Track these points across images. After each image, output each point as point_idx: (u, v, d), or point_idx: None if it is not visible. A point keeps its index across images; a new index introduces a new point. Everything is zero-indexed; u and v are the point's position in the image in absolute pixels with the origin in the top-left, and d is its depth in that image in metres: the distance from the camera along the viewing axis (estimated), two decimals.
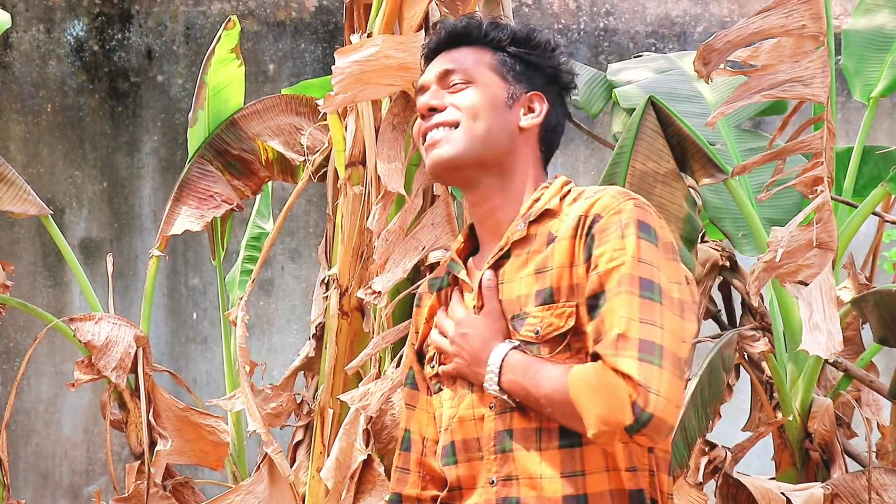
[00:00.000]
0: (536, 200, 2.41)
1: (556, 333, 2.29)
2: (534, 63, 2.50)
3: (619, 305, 2.21)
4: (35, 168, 6.08)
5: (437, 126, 2.43)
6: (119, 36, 6.19)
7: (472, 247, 2.50)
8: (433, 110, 2.44)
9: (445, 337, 2.41)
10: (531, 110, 2.48)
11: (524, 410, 2.31)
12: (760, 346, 3.54)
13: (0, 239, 5.94)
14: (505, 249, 2.38)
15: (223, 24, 4.70)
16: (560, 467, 2.29)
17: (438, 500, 2.42)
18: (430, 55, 2.53)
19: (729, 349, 3.59)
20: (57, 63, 6.13)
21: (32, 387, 6.10)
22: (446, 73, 2.47)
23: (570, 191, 2.40)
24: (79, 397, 6.06)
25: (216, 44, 4.68)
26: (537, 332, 2.30)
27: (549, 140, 2.50)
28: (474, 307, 2.38)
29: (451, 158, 2.41)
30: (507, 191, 2.44)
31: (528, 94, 2.48)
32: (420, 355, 2.50)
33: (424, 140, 2.45)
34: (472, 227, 2.52)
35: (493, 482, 2.33)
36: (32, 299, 5.57)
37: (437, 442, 2.44)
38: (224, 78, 4.74)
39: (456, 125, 2.42)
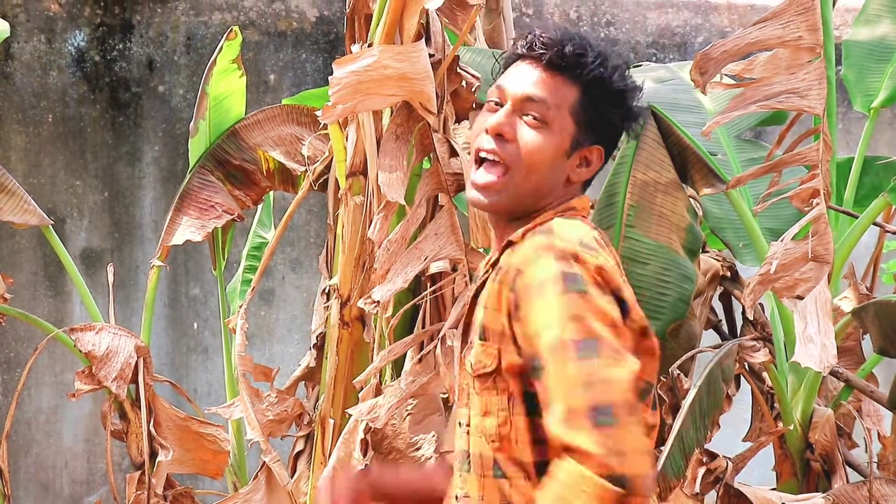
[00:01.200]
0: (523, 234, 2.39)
1: (482, 371, 2.31)
2: (610, 115, 2.43)
3: (558, 375, 2.17)
4: (36, 178, 6.08)
5: (493, 159, 2.35)
6: (120, 46, 6.20)
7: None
8: (500, 136, 2.36)
9: None
10: (587, 162, 2.42)
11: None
12: (760, 356, 3.54)
13: (1, 249, 5.94)
14: (483, 277, 2.39)
15: (224, 35, 4.71)
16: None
17: None
18: (514, 56, 2.42)
19: (728, 360, 3.59)
20: (58, 73, 6.14)
21: (33, 397, 6.09)
22: (528, 100, 2.37)
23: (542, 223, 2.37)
24: (79, 408, 6.05)
25: (217, 54, 4.69)
26: (471, 364, 2.33)
27: (588, 184, 2.45)
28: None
29: (493, 208, 2.39)
30: (531, 220, 2.39)
31: (590, 147, 2.42)
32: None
33: (476, 157, 2.37)
34: None
35: (457, 497, 2.36)
36: (33, 309, 5.57)
37: None
38: (225, 88, 4.74)
39: (508, 169, 2.35)
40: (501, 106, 2.38)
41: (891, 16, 4.13)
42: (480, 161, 2.38)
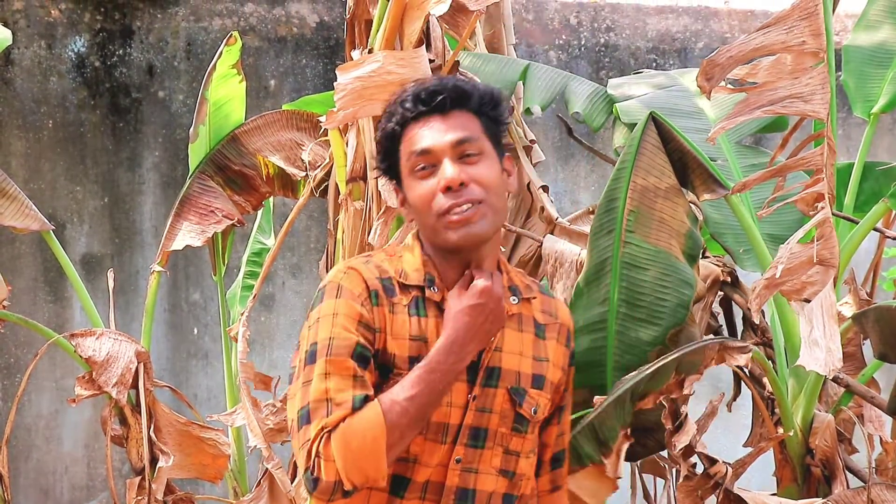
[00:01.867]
0: (506, 272, 2.65)
1: (541, 418, 2.65)
2: (503, 126, 2.62)
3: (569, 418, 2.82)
4: (36, 183, 6.08)
5: (467, 203, 2.49)
6: (120, 52, 6.20)
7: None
8: (462, 185, 2.49)
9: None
10: (509, 173, 2.63)
11: None
12: (742, 359, 3.52)
13: (1, 254, 5.94)
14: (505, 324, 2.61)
15: (224, 40, 4.71)
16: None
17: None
18: (413, 113, 2.55)
19: (696, 356, 3.56)
20: (58, 79, 6.14)
21: (33, 402, 6.09)
22: (460, 143, 2.52)
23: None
24: (80, 413, 6.05)
25: (217, 59, 4.69)
26: (535, 411, 2.61)
27: None
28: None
29: (482, 236, 2.53)
30: (492, 253, 2.61)
31: (506, 157, 2.62)
32: (383, 367, 2.52)
33: (447, 213, 2.50)
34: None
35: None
36: (33, 315, 5.57)
37: None
38: (225, 94, 4.74)
39: (480, 202, 2.51)
40: (434, 166, 2.51)
41: (891, 21, 4.12)
42: (447, 216, 2.52)
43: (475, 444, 2.53)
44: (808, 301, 3.29)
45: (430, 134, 2.53)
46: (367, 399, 2.40)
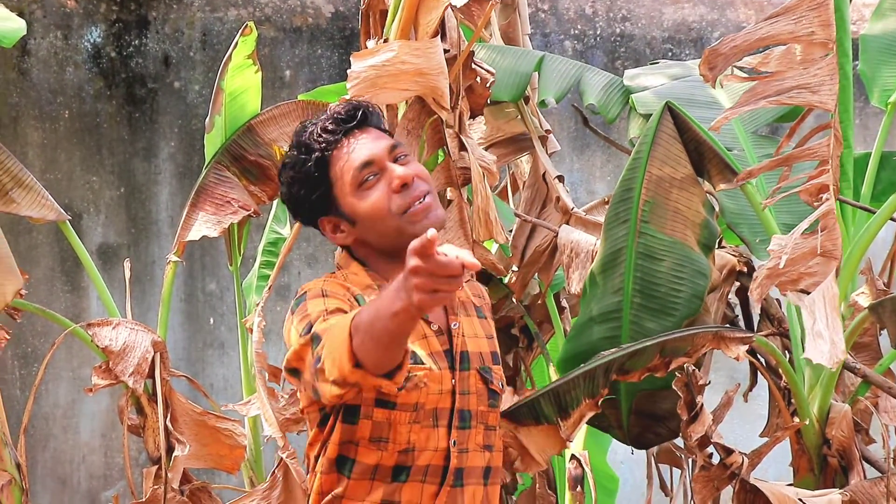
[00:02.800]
0: None
1: (502, 392, 2.79)
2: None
3: None
4: (53, 174, 6.10)
5: (423, 194, 2.67)
6: (136, 42, 6.21)
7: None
8: (414, 179, 2.67)
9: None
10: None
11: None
12: (738, 350, 3.51)
13: (18, 244, 5.96)
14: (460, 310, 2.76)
15: (240, 31, 4.71)
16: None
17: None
18: (338, 132, 2.69)
19: (683, 342, 3.55)
20: (74, 69, 6.15)
21: (50, 392, 6.12)
22: (393, 148, 2.71)
23: None
24: (96, 402, 6.07)
25: (233, 50, 4.69)
26: (501, 385, 2.76)
27: None
28: (442, 346, 2.69)
29: (444, 220, 2.73)
30: None
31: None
32: None
33: (410, 207, 2.65)
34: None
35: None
36: (50, 304, 5.59)
37: None
38: (241, 84, 4.74)
39: (428, 192, 2.69)
40: (378, 173, 2.67)
41: None
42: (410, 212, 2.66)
43: (463, 426, 2.66)
44: (806, 292, 3.30)
45: (365, 146, 2.69)
46: None
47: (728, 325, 3.88)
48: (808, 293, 3.29)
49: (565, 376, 3.45)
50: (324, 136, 2.70)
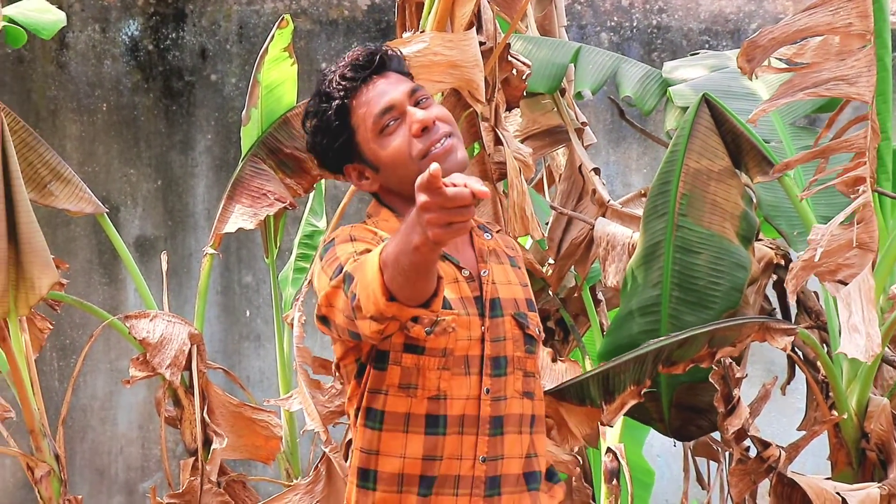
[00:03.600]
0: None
1: (540, 338, 2.75)
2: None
3: None
4: (91, 167, 6.13)
5: (444, 136, 2.62)
6: (173, 35, 6.23)
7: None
8: (434, 123, 2.62)
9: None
10: None
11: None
12: (784, 341, 3.50)
13: (57, 237, 5.99)
14: (488, 258, 2.71)
15: (276, 23, 4.72)
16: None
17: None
18: (357, 80, 2.66)
19: (731, 332, 3.54)
20: (112, 62, 6.18)
21: (88, 384, 6.15)
22: (413, 92, 2.66)
23: None
24: (134, 394, 6.10)
25: (269, 42, 4.70)
26: (539, 331, 2.72)
27: None
28: (473, 291, 2.64)
29: (465, 163, 2.66)
30: None
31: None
32: None
33: (430, 150, 2.61)
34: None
35: (483, 460, 2.62)
36: (88, 297, 5.62)
37: None
38: (277, 76, 4.75)
39: (450, 134, 2.64)
40: (398, 118, 2.64)
41: None
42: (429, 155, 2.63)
43: (498, 373, 2.62)
44: (843, 283, 3.28)
45: (385, 91, 2.65)
46: None
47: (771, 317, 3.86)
48: (845, 283, 3.28)
49: (617, 359, 3.44)
50: (343, 83, 2.66)
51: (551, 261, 4.20)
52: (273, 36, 4.69)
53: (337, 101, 2.66)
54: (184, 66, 6.23)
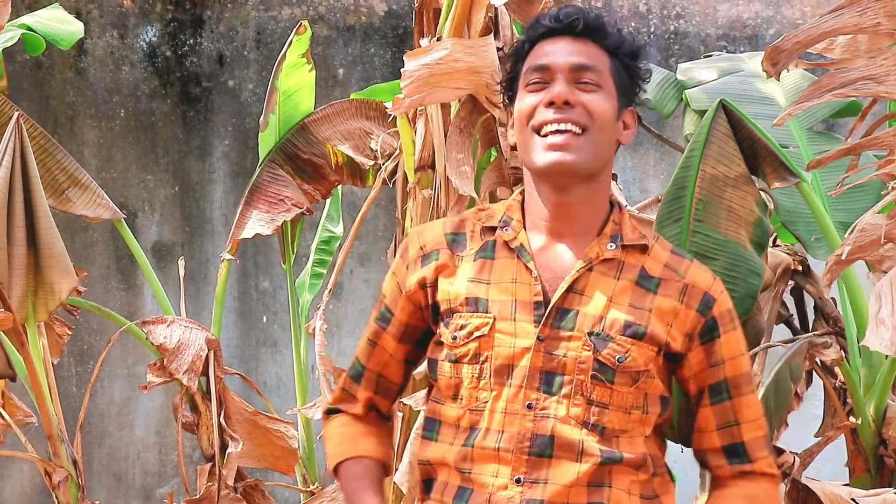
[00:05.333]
0: (615, 223, 2.48)
1: (634, 369, 2.40)
2: (636, 78, 2.51)
3: (751, 406, 2.51)
4: (108, 172, 6.15)
5: (568, 122, 2.39)
6: (191, 41, 6.25)
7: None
8: (567, 104, 2.39)
9: None
10: (626, 126, 2.50)
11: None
12: (832, 353, 3.50)
13: (74, 243, 6.01)
14: (592, 264, 2.43)
15: (294, 29, 4.73)
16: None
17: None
18: (550, 33, 2.46)
19: (797, 358, 3.55)
20: (130, 68, 6.20)
21: (106, 389, 6.17)
22: (580, 68, 2.42)
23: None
24: (151, 400, 6.11)
25: (287, 49, 4.71)
26: (620, 359, 2.40)
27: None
28: (534, 296, 2.42)
29: (575, 167, 2.40)
30: (593, 200, 2.47)
31: (629, 110, 2.50)
32: (435, 309, 2.50)
33: (543, 129, 2.40)
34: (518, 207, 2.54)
35: (518, 480, 2.40)
36: (106, 302, 5.63)
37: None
38: (295, 83, 4.76)
39: (584, 129, 2.40)
40: (547, 83, 2.42)
41: None
42: (543, 134, 2.41)
43: (549, 391, 2.38)
44: (885, 272, 3.26)
45: (554, 51, 2.43)
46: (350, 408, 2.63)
47: (815, 332, 3.85)
48: (886, 272, 3.27)
49: None
50: (538, 25, 2.48)
51: None
52: (291, 42, 4.70)
53: (522, 41, 2.49)
54: (201, 72, 6.24)
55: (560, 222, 2.46)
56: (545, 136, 2.40)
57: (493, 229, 2.49)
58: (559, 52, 2.43)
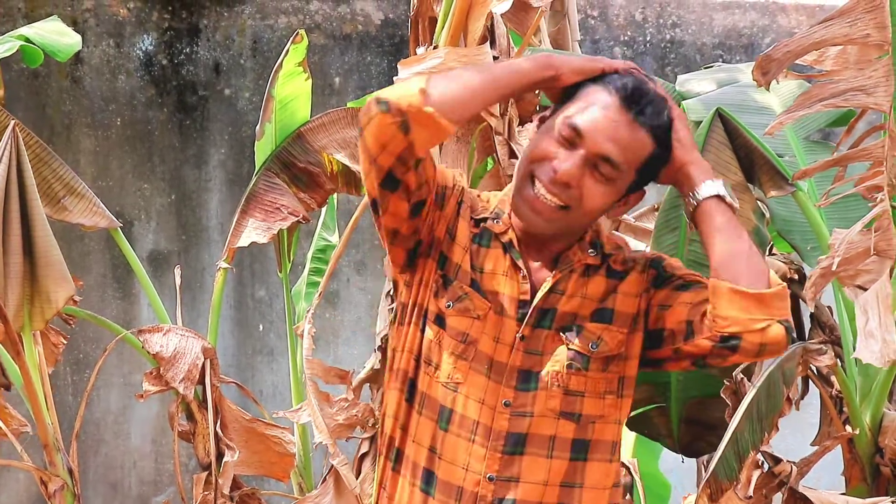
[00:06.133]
0: (594, 230, 2.55)
1: (606, 354, 2.48)
2: (666, 162, 2.49)
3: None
4: (105, 181, 6.14)
5: (556, 198, 2.41)
6: (187, 50, 6.25)
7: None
8: (567, 185, 2.41)
9: None
10: (625, 204, 2.53)
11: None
12: (825, 360, 3.50)
13: (70, 251, 6.01)
14: (574, 266, 2.50)
15: (290, 38, 4.73)
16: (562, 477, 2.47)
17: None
18: (613, 96, 2.41)
19: (790, 363, 3.55)
20: (126, 77, 6.20)
21: (102, 398, 6.16)
22: (604, 160, 2.41)
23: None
24: (147, 408, 6.11)
25: (283, 57, 4.72)
26: (592, 346, 2.48)
27: None
28: (521, 294, 2.47)
29: (544, 234, 2.47)
30: (571, 237, 2.53)
31: (638, 193, 2.52)
32: (444, 277, 2.50)
33: (536, 185, 2.43)
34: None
35: (491, 478, 2.43)
36: (102, 311, 5.63)
37: None
38: (291, 91, 4.77)
39: (566, 208, 2.43)
40: (572, 144, 2.41)
41: None
42: (535, 187, 2.45)
43: (526, 388, 2.45)
44: (863, 288, 3.27)
45: (599, 122, 2.40)
46: None
47: (811, 340, 3.85)
48: (865, 289, 3.27)
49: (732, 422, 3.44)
50: (611, 79, 2.43)
51: None
52: (287, 51, 4.71)
53: (590, 84, 2.43)
54: (198, 80, 6.24)
55: (536, 240, 2.53)
56: (535, 190, 2.44)
57: (485, 219, 2.54)
58: (600, 129, 2.41)
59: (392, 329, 2.56)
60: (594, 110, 2.41)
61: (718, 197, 2.47)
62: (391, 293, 4.02)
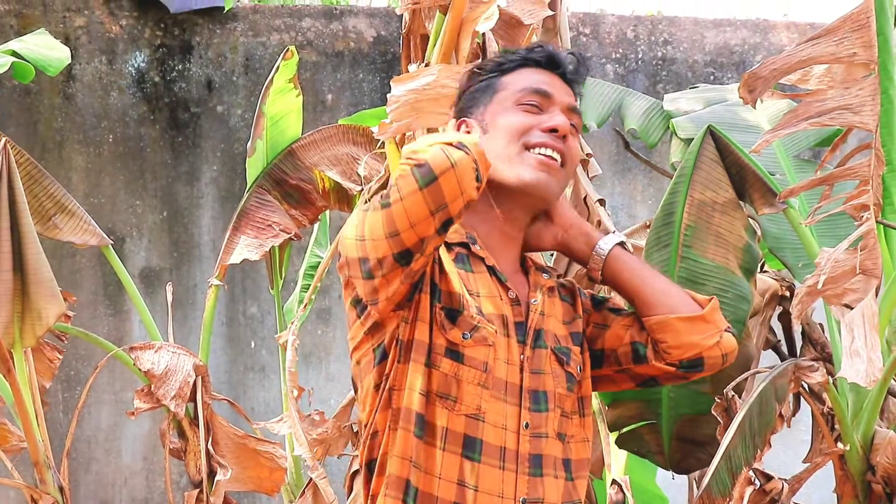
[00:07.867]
0: (525, 256, 2.64)
1: (582, 377, 2.57)
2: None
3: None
4: (96, 198, 6.14)
5: (559, 152, 2.50)
6: (179, 67, 6.25)
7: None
8: (564, 138, 2.52)
9: None
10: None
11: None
12: (817, 377, 3.50)
13: (62, 269, 6.00)
14: (544, 287, 2.58)
15: (282, 55, 4.74)
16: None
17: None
18: (542, 65, 2.58)
19: (782, 379, 3.55)
20: (118, 94, 6.20)
21: (93, 415, 6.14)
22: (572, 111, 2.57)
23: None
24: (138, 426, 6.09)
25: (274, 74, 4.72)
26: (580, 369, 2.55)
27: None
28: (515, 316, 2.50)
29: (550, 192, 2.53)
30: (540, 232, 2.65)
31: None
32: (448, 310, 2.45)
33: (536, 149, 2.49)
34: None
35: (524, 502, 2.42)
36: (93, 328, 5.62)
37: None
38: (282, 108, 4.77)
39: (564, 164, 2.52)
40: (541, 107, 2.53)
41: None
42: (536, 152, 2.51)
43: (538, 408, 2.46)
44: (849, 307, 3.28)
45: (552, 84, 2.55)
46: None
47: (802, 357, 3.86)
48: (851, 308, 3.28)
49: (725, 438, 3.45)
50: (528, 54, 2.58)
51: None
52: (278, 67, 4.71)
53: (511, 60, 2.58)
54: (190, 97, 6.24)
55: (503, 247, 2.56)
56: (538, 154, 2.49)
57: (455, 245, 2.51)
58: (557, 87, 2.56)
59: (375, 367, 2.45)
60: (534, 75, 2.56)
61: (621, 244, 2.61)
62: None
